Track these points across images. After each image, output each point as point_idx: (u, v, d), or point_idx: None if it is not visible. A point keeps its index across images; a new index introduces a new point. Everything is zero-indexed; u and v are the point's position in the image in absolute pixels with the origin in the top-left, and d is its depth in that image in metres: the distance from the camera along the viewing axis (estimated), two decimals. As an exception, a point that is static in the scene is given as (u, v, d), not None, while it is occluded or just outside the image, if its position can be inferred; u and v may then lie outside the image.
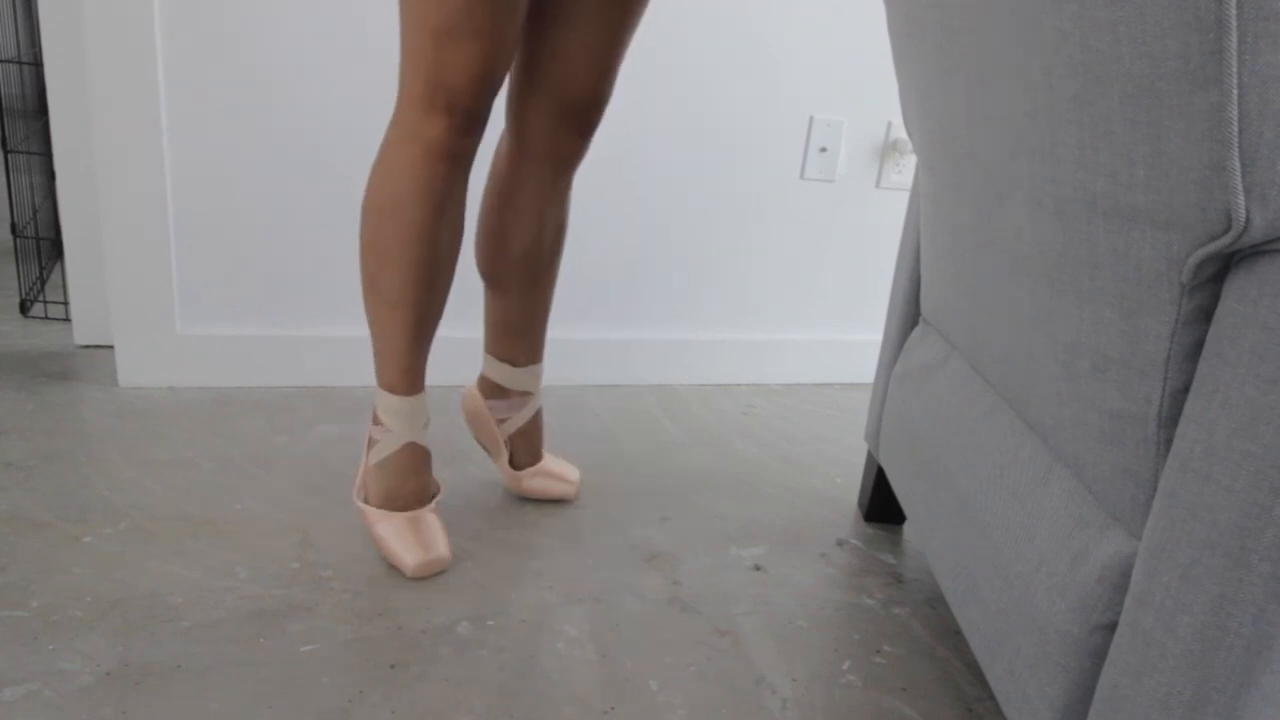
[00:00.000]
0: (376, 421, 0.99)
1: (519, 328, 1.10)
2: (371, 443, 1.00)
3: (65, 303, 1.70)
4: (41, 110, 1.96)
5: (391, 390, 0.97)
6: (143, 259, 1.34)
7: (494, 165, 1.04)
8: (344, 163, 1.39)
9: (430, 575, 0.98)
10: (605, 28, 0.96)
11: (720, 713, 0.83)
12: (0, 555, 0.94)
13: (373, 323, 0.96)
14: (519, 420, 1.14)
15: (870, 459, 1.24)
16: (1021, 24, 0.61)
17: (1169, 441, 0.55)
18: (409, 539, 0.98)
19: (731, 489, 1.29)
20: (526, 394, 1.13)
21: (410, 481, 1.00)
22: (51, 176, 2.01)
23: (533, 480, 1.16)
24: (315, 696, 0.79)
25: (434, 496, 1.04)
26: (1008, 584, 0.71)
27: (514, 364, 1.12)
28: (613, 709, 0.82)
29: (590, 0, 0.94)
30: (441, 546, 0.99)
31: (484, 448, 1.17)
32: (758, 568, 1.09)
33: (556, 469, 1.19)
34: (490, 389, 1.13)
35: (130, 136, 1.28)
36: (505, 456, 1.15)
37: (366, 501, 1.01)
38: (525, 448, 1.16)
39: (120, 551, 0.96)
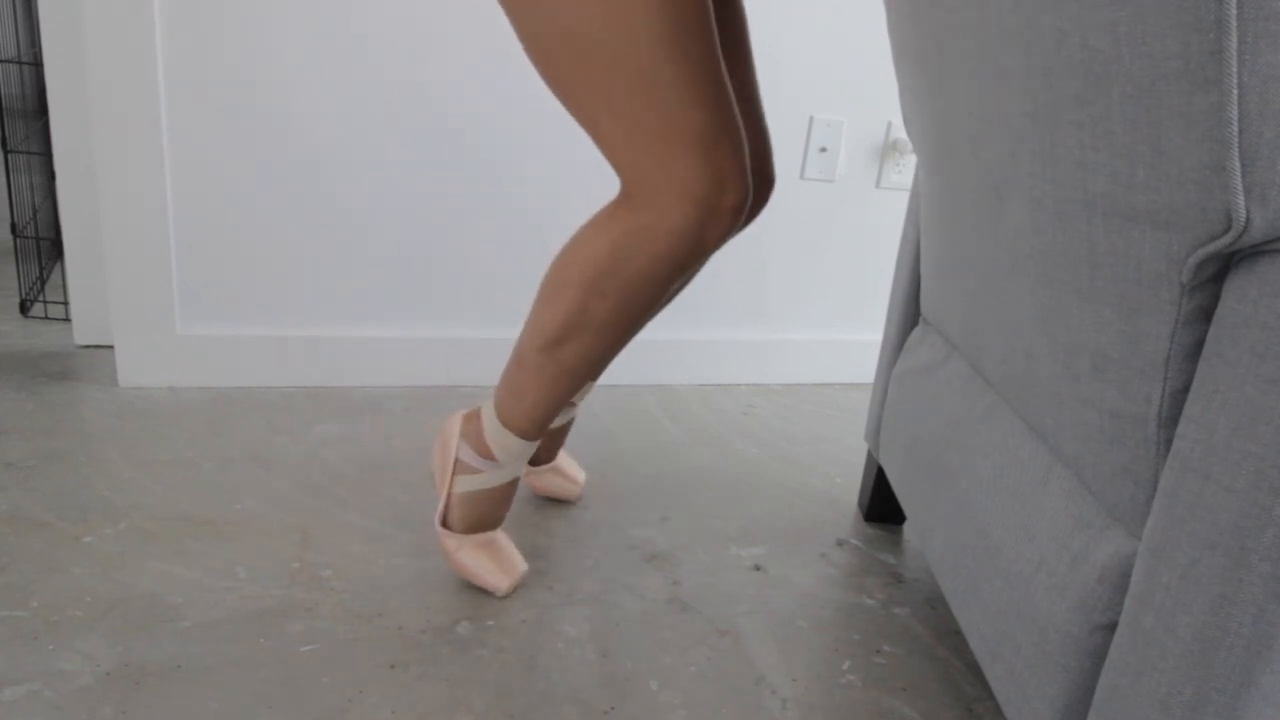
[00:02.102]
0: (483, 453, 0.94)
1: None
2: (468, 470, 0.95)
3: (65, 303, 1.70)
4: (41, 110, 1.96)
5: (520, 434, 0.93)
6: (143, 259, 1.34)
7: None
8: (344, 163, 1.39)
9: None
10: (746, 81, 0.95)
11: (720, 713, 0.83)
12: (0, 555, 0.94)
13: (529, 371, 0.89)
14: (554, 424, 1.14)
15: (870, 459, 1.24)
16: (1021, 24, 0.61)
17: (1169, 441, 0.55)
18: (492, 562, 0.97)
19: (731, 489, 1.29)
20: (571, 404, 1.13)
21: (503, 508, 0.98)
22: (51, 176, 2.01)
23: (543, 477, 1.17)
24: (315, 696, 0.79)
25: None
26: (1008, 584, 0.71)
27: None
28: (613, 709, 0.82)
29: (729, 50, 0.92)
30: (521, 561, 0.99)
31: None
32: (758, 568, 1.09)
33: (567, 469, 1.19)
34: None
35: (130, 136, 1.28)
36: None
37: (446, 526, 0.97)
38: (547, 448, 1.16)
39: (120, 551, 0.96)
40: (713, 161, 0.76)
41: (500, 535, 1.00)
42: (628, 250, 0.80)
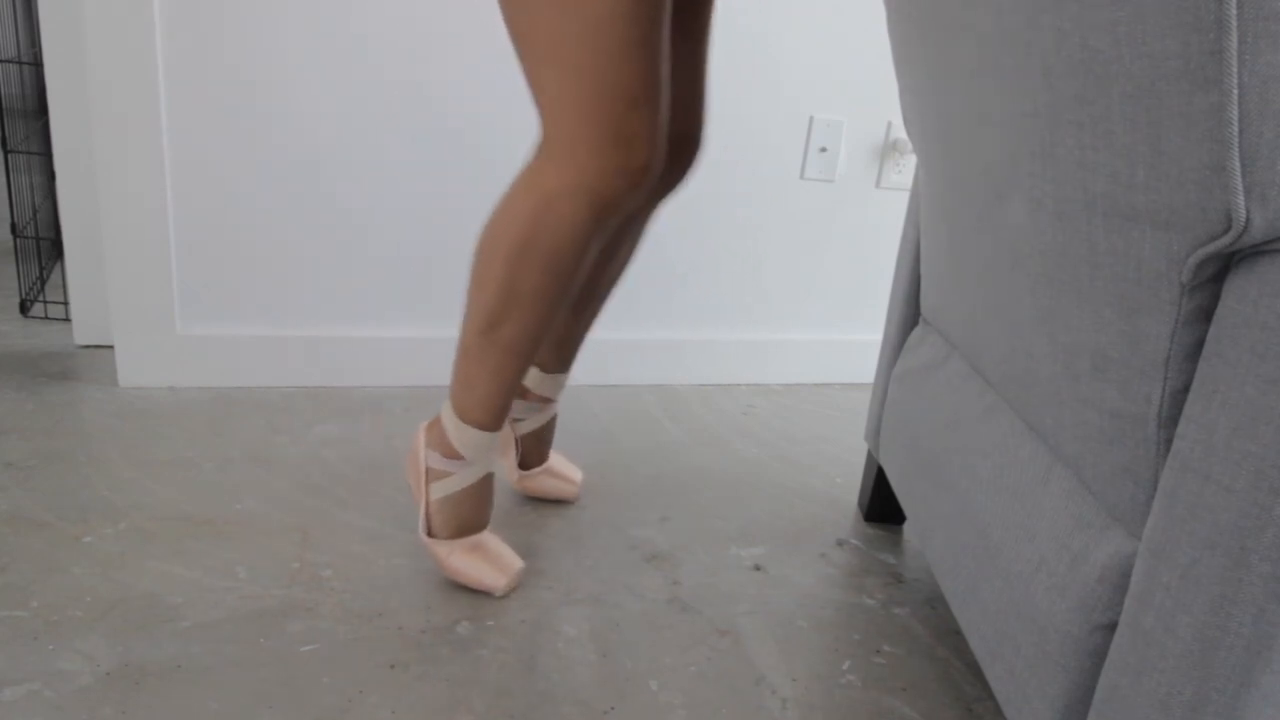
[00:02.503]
0: (449, 454, 0.94)
1: (560, 339, 1.09)
2: (438, 475, 0.95)
3: (65, 303, 1.70)
4: (41, 110, 1.96)
5: (480, 427, 0.93)
6: (143, 259, 1.34)
7: None
8: (344, 163, 1.39)
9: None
10: (695, 50, 0.96)
11: (720, 713, 0.83)
12: (0, 555, 0.94)
13: (473, 359, 0.90)
14: (534, 423, 1.14)
15: (870, 459, 1.24)
16: (1021, 24, 0.61)
17: (1169, 441, 0.55)
18: (485, 563, 0.96)
19: (731, 489, 1.29)
20: (547, 400, 1.13)
21: (485, 507, 0.98)
22: (51, 176, 2.01)
23: (537, 479, 1.17)
24: (315, 696, 0.79)
25: None
26: (1008, 584, 0.71)
27: (543, 369, 1.11)
28: (613, 709, 0.82)
29: (682, 28, 0.94)
30: (516, 559, 0.98)
31: None
32: (758, 568, 1.09)
33: (561, 469, 1.19)
34: None
35: (130, 136, 1.28)
36: (513, 455, 1.15)
37: (431, 535, 0.97)
38: (535, 450, 1.16)
39: (120, 551, 0.96)
40: (631, 123, 0.79)
41: (490, 536, 0.99)
42: (546, 216, 0.82)
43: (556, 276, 0.85)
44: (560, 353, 1.11)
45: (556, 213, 0.82)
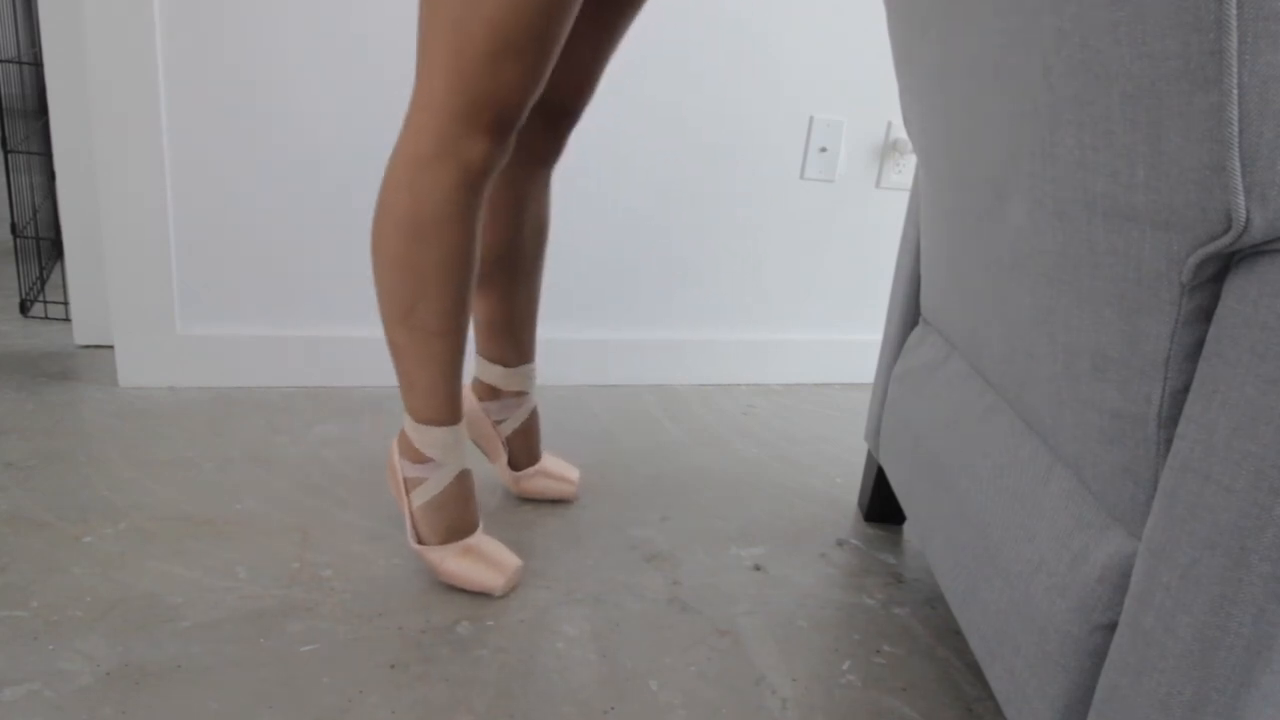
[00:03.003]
0: (418, 460, 0.94)
1: (506, 328, 1.09)
2: (414, 483, 0.95)
3: (65, 303, 1.70)
4: (41, 110, 1.96)
5: (436, 423, 0.93)
6: (143, 259, 1.34)
7: None
8: (343, 163, 1.39)
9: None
10: (597, 32, 0.96)
11: (720, 713, 0.83)
12: (0, 555, 0.94)
13: (404, 354, 0.90)
14: (515, 421, 1.14)
15: (870, 459, 1.24)
16: (1021, 24, 0.61)
17: (1169, 441, 0.55)
18: (480, 564, 0.95)
19: (731, 489, 1.29)
20: (521, 394, 1.13)
21: (470, 507, 0.97)
22: (51, 176, 2.01)
23: (532, 481, 1.16)
24: (315, 696, 0.79)
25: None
26: (1008, 584, 0.71)
27: (505, 364, 1.11)
28: (613, 709, 0.82)
29: (587, 7, 0.94)
30: (513, 557, 0.98)
31: (481, 450, 1.17)
32: (758, 568, 1.09)
33: (556, 469, 1.18)
34: (484, 391, 1.13)
35: (130, 136, 1.28)
36: (504, 458, 1.15)
37: (421, 542, 0.96)
38: (524, 448, 1.15)
39: (120, 551, 0.96)
40: (496, 86, 0.80)
41: (484, 537, 0.99)
42: (420, 187, 0.83)
43: (453, 250, 0.85)
44: (512, 342, 1.10)
45: (428, 182, 0.83)
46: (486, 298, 1.08)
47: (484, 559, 0.96)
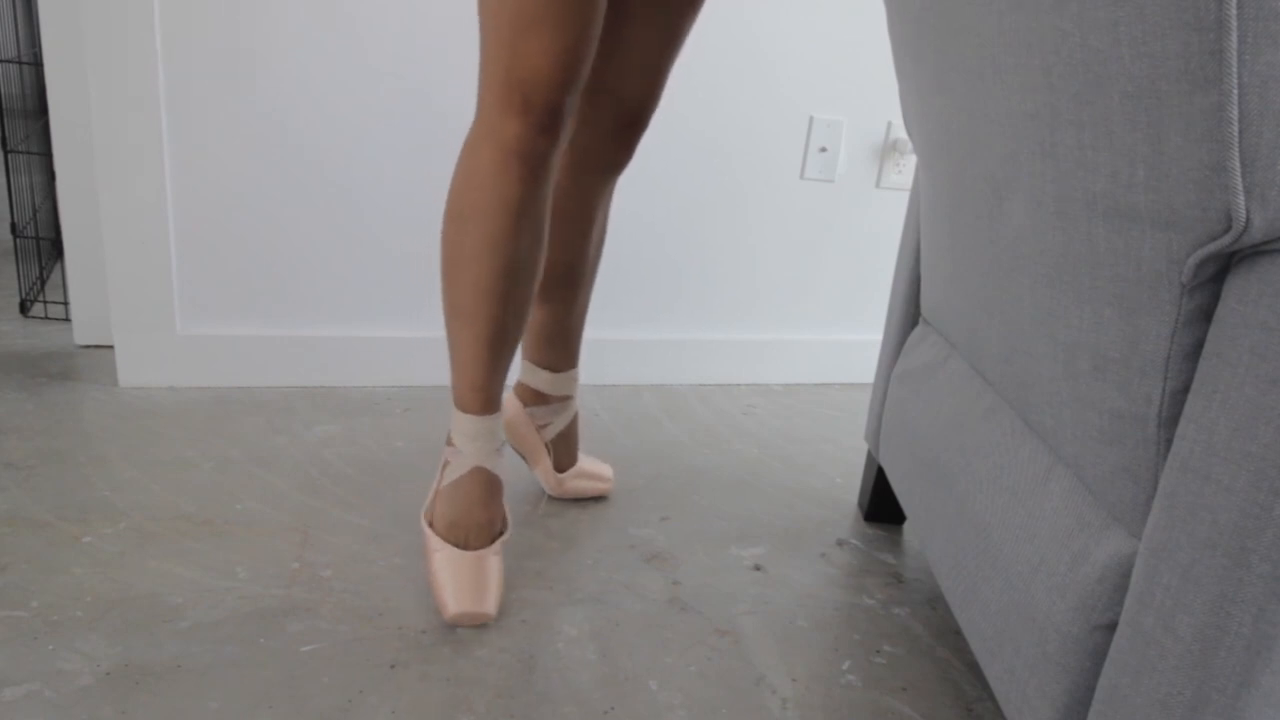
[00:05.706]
0: (450, 442, 0.95)
1: (560, 335, 1.09)
2: (445, 464, 0.95)
3: (65, 303, 1.70)
4: (41, 110, 1.96)
5: (463, 409, 0.92)
6: (143, 259, 1.34)
7: None
8: (344, 163, 1.39)
9: (468, 626, 0.90)
10: (663, 29, 0.96)
11: (720, 713, 0.83)
12: (0, 555, 0.94)
13: (447, 329, 0.92)
14: (560, 424, 1.14)
15: (870, 459, 1.24)
16: (1021, 24, 0.61)
17: (1169, 441, 0.55)
18: (461, 581, 0.90)
19: (731, 489, 1.29)
20: (567, 398, 1.13)
21: (476, 513, 0.93)
22: (51, 176, 2.01)
23: (575, 481, 1.17)
24: (315, 696, 0.79)
25: (500, 535, 0.96)
26: (1008, 584, 0.71)
27: (554, 370, 1.11)
28: (613, 709, 0.82)
29: (651, 2, 0.94)
30: (490, 601, 0.90)
31: (520, 454, 1.17)
32: (758, 568, 1.09)
33: (593, 469, 1.20)
34: (530, 396, 1.13)
35: (130, 136, 1.28)
36: (548, 461, 1.15)
37: (432, 525, 0.95)
38: (565, 450, 1.16)
39: (120, 551, 0.96)
40: (520, 63, 0.80)
41: (490, 560, 0.93)
42: (465, 166, 0.85)
43: (484, 234, 0.85)
44: (563, 348, 1.11)
45: (470, 168, 0.85)
46: (543, 306, 1.08)
47: (465, 580, 0.90)
